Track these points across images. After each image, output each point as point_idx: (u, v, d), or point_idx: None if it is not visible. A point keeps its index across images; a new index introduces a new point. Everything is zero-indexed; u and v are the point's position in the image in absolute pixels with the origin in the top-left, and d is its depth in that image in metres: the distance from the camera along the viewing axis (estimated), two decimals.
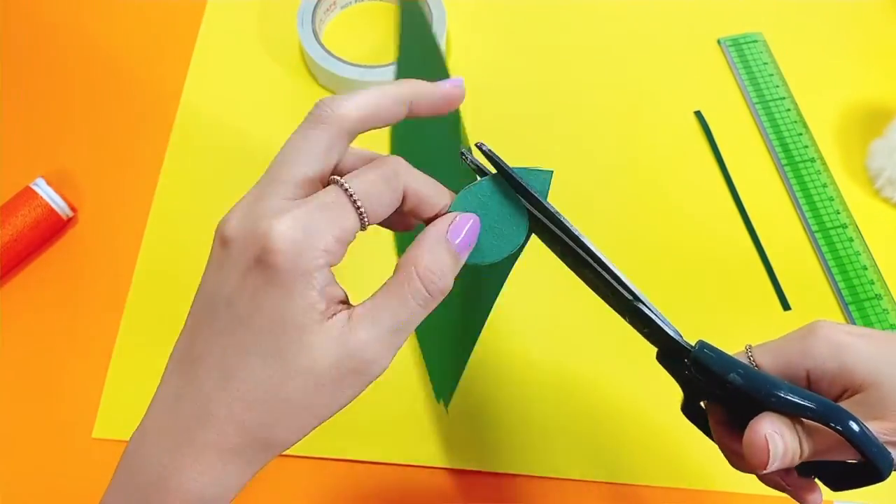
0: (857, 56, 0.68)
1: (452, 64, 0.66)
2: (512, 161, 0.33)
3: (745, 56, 0.67)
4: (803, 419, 0.32)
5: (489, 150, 0.32)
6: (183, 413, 0.29)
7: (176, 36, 0.67)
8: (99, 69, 0.65)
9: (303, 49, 0.64)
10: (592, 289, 0.35)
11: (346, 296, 0.29)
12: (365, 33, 0.67)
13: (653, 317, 0.33)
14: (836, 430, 0.30)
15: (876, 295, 0.56)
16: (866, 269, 0.57)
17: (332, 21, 0.68)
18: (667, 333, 0.33)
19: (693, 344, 0.33)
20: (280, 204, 0.28)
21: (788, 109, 0.64)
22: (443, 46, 0.64)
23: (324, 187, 0.29)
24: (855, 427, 0.30)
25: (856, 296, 0.56)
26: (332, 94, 0.64)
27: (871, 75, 0.67)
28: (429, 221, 0.31)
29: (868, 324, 0.55)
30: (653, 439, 0.51)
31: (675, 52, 0.67)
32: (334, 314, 0.28)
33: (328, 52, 0.62)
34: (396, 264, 0.30)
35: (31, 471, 0.50)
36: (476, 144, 0.33)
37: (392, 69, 0.62)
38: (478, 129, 0.57)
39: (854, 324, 0.55)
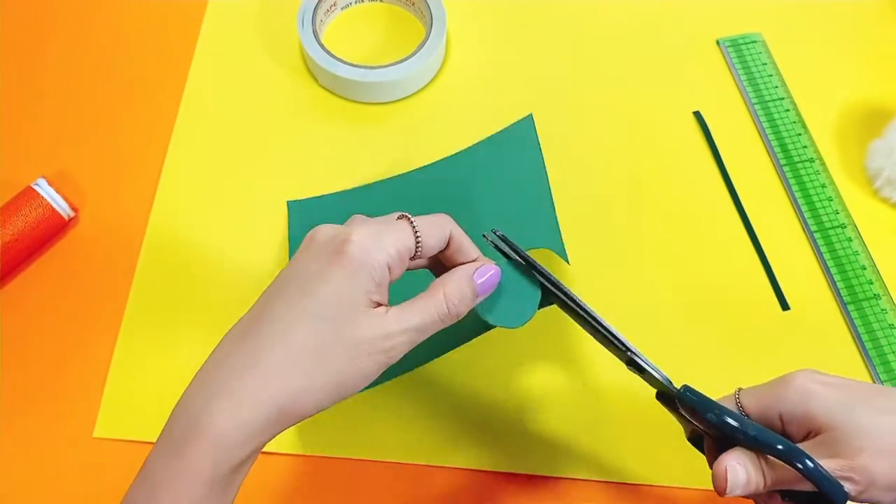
0: (857, 56, 0.68)
1: (452, 64, 0.66)
2: None
3: (744, 56, 0.67)
4: (768, 455, 0.38)
5: (503, 236, 0.41)
6: (232, 363, 0.35)
7: (177, 36, 0.67)
8: (100, 69, 0.65)
9: (303, 50, 0.64)
10: (599, 342, 0.43)
11: (388, 302, 0.37)
12: (365, 34, 0.67)
13: (644, 365, 0.41)
14: (795, 467, 0.36)
15: (874, 294, 0.57)
16: (865, 268, 0.58)
17: (333, 22, 0.68)
18: (657, 379, 0.40)
19: (678, 388, 0.40)
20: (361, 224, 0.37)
21: (787, 110, 0.64)
22: (443, 46, 0.64)
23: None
24: (809, 464, 0.36)
25: (854, 295, 0.57)
26: (332, 94, 0.64)
27: (870, 76, 0.67)
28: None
29: (867, 323, 0.55)
30: (653, 439, 0.51)
31: (674, 53, 0.68)
32: (378, 306, 0.36)
33: (328, 52, 0.63)
34: (429, 286, 0.38)
35: (31, 470, 0.50)
36: (492, 231, 0.41)
37: (392, 70, 0.62)
38: (477, 130, 0.58)
39: (853, 324, 0.55)
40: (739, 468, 0.38)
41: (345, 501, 0.49)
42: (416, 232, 0.37)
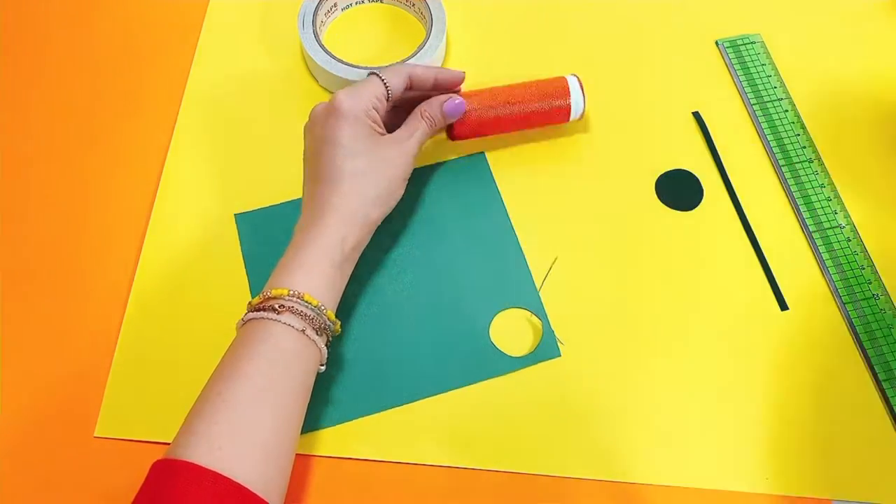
0: (856, 56, 0.68)
1: (452, 64, 0.66)
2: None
3: (743, 57, 0.67)
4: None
5: None
6: (316, 199, 0.49)
7: (178, 37, 0.67)
8: (102, 70, 0.65)
9: (304, 50, 0.64)
10: None
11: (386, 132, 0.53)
12: (366, 35, 0.68)
13: None
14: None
15: (873, 294, 0.57)
16: (863, 268, 0.58)
17: (333, 22, 0.68)
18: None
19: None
20: None
21: (786, 110, 0.65)
22: (442, 46, 0.65)
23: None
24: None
25: (853, 295, 0.57)
26: (332, 95, 0.64)
27: (869, 76, 0.67)
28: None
29: (865, 322, 0.56)
30: (653, 438, 0.51)
31: (673, 54, 0.68)
32: (383, 134, 0.52)
33: (329, 53, 0.63)
34: (412, 113, 0.55)
35: (32, 470, 0.50)
36: None
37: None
38: None
39: (852, 324, 0.56)
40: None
41: (352, 501, 0.50)
42: (383, 81, 0.52)
